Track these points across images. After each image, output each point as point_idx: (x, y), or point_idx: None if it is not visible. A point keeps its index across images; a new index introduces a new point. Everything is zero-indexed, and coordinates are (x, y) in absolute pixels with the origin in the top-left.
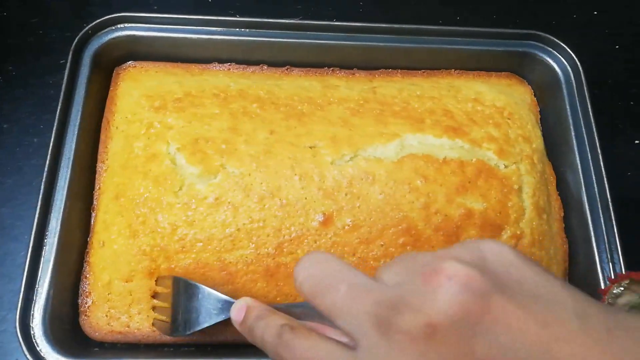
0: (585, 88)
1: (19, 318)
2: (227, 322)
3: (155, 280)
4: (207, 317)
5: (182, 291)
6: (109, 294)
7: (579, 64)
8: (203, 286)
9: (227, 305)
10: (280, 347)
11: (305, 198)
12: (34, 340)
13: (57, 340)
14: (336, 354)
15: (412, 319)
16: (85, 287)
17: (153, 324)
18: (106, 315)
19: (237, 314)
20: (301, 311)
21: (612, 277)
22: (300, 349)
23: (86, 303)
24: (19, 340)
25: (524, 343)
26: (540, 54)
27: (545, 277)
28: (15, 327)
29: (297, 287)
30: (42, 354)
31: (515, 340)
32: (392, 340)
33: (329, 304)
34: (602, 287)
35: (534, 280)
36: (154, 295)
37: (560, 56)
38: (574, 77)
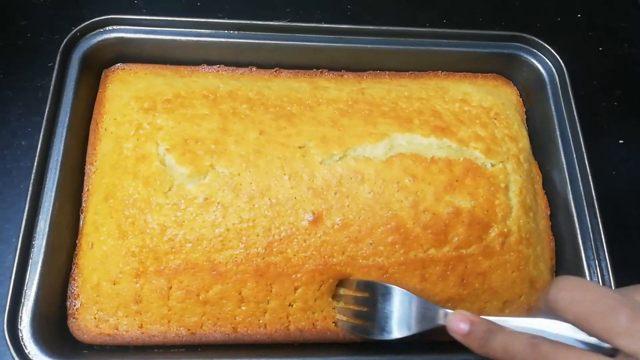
0: (569, 89)
1: (7, 320)
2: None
3: (339, 282)
4: (417, 322)
5: (379, 294)
6: (97, 296)
7: (563, 65)
8: (406, 291)
9: (433, 313)
10: (539, 359)
11: (295, 197)
12: (22, 343)
13: (45, 343)
14: None
15: None
16: (74, 289)
17: (337, 325)
18: (95, 318)
19: (459, 325)
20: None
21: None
22: None
23: (75, 305)
24: (6, 343)
25: None
26: (526, 56)
27: None
28: (3, 330)
29: (558, 310)
30: (30, 357)
31: None
32: None
33: (609, 325)
34: None
35: None
36: (334, 296)
37: (545, 58)
38: (558, 78)
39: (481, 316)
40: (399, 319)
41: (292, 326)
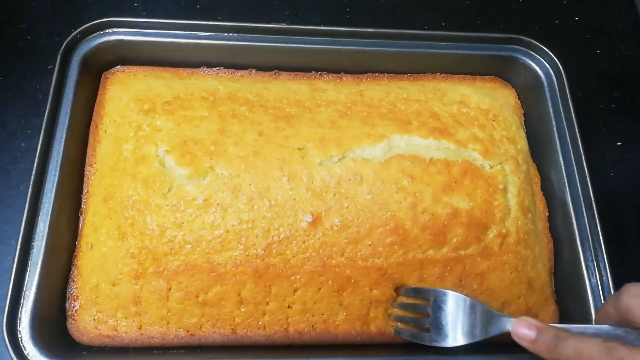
0: (567, 90)
1: (6, 322)
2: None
3: (396, 289)
4: (479, 330)
5: (440, 301)
6: (96, 297)
7: (560, 67)
8: (469, 298)
9: (497, 320)
10: None
11: (294, 199)
12: (21, 344)
13: (44, 344)
14: None
15: None
16: (73, 291)
17: (396, 332)
18: (94, 319)
19: (524, 331)
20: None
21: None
22: None
23: (74, 307)
24: (6, 344)
25: None
26: (523, 58)
27: None
28: (2, 331)
29: (632, 316)
30: (29, 358)
31: None
32: None
33: None
34: (587, 284)
35: None
36: (392, 303)
37: (542, 59)
38: (556, 79)
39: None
40: (463, 327)
41: (291, 328)
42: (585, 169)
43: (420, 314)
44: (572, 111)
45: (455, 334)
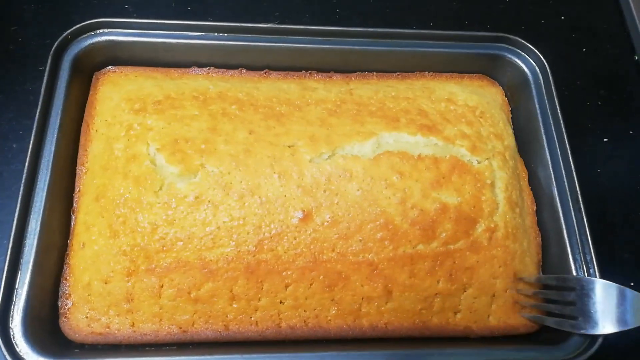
0: (553, 88)
1: None
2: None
3: (537, 278)
4: (630, 316)
5: (585, 289)
6: (89, 295)
7: (546, 65)
8: (619, 285)
9: None
10: None
11: (285, 195)
12: (13, 342)
13: (36, 341)
14: None
15: None
16: (66, 289)
17: (535, 320)
18: (86, 317)
19: None
20: None
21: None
22: None
23: (66, 305)
24: None
25: None
26: (510, 56)
27: None
28: None
29: None
30: (21, 355)
31: None
32: None
33: None
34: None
35: None
36: (518, 291)
37: (529, 58)
38: (542, 77)
39: None
40: (613, 314)
41: (284, 323)
42: (572, 164)
43: (564, 301)
44: (557, 108)
45: (606, 322)
